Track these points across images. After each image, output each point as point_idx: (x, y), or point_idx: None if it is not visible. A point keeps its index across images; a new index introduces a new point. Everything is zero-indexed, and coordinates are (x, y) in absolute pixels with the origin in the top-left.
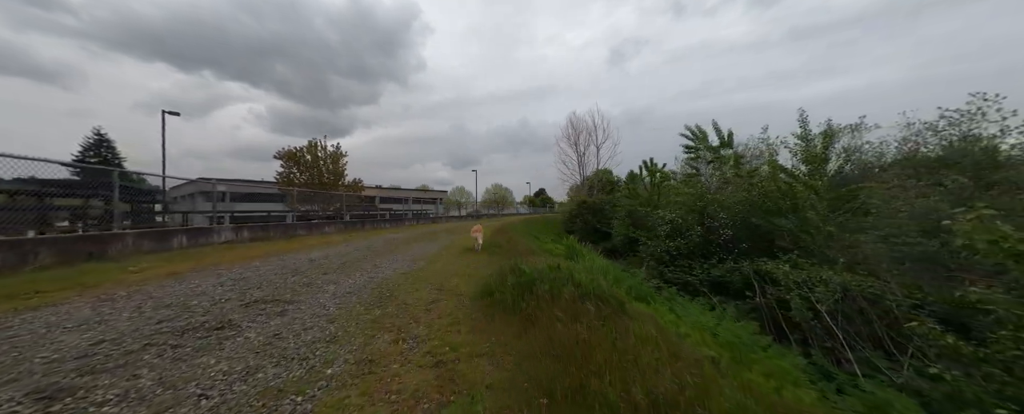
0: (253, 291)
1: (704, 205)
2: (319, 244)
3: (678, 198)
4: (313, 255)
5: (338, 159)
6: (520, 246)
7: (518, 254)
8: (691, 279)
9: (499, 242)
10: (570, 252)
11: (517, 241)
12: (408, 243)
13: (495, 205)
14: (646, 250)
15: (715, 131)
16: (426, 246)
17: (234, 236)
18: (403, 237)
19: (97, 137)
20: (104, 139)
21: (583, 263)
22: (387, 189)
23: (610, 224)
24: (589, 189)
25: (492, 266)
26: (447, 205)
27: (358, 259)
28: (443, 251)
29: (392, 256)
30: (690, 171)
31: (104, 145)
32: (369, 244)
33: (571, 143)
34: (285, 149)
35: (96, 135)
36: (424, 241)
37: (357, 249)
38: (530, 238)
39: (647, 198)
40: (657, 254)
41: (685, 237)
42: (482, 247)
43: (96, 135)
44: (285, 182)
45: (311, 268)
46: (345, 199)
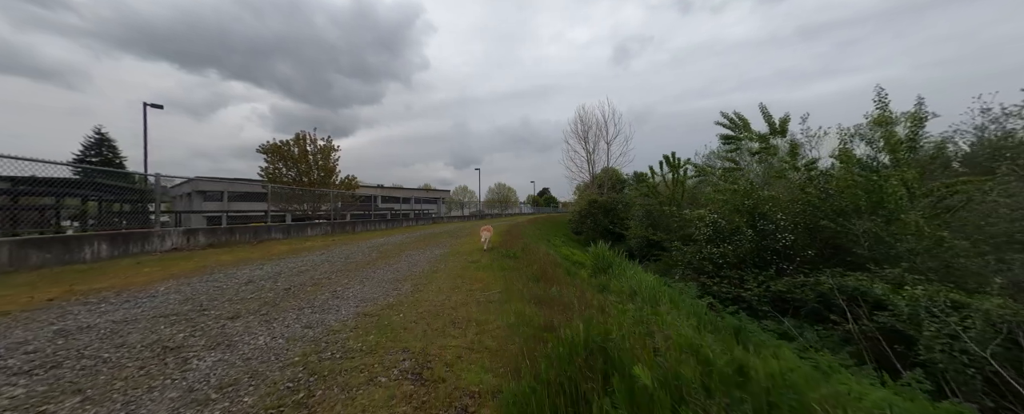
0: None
1: (754, 204)
2: (287, 252)
3: (720, 195)
4: (261, 271)
5: (329, 154)
6: (538, 254)
7: (539, 267)
8: (746, 295)
9: (512, 249)
10: (599, 262)
11: (534, 249)
12: (399, 250)
13: (499, 205)
14: (680, 256)
15: (763, 116)
16: (420, 255)
17: (184, 242)
18: (396, 241)
19: (98, 136)
20: (105, 138)
21: (626, 279)
22: (389, 188)
23: (624, 225)
24: (599, 187)
25: (511, 293)
26: (449, 205)
27: (318, 280)
28: (441, 264)
29: (369, 272)
30: (725, 165)
31: (105, 144)
32: (350, 253)
33: (580, 139)
34: (270, 142)
35: (97, 134)
36: (420, 247)
37: (329, 260)
38: (543, 241)
39: (669, 196)
40: (695, 262)
41: (732, 242)
42: (495, 261)
43: (97, 134)
44: (270, 179)
45: (229, 298)
46: (334, 197)
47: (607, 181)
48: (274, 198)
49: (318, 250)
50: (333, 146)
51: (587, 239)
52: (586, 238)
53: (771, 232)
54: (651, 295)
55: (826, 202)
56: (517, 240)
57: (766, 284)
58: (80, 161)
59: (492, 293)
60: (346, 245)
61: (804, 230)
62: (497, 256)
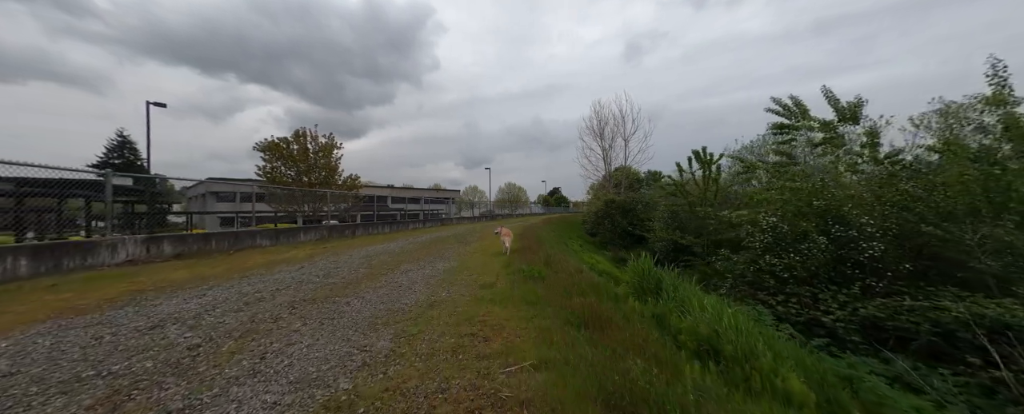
0: None
1: (826, 205)
2: (260, 266)
3: (777, 195)
4: (197, 302)
5: (330, 152)
6: (566, 270)
7: (579, 298)
8: (827, 320)
9: (534, 263)
10: (644, 279)
11: (560, 263)
12: (395, 264)
13: (509, 205)
14: (727, 267)
15: (828, 101)
16: (419, 272)
17: (142, 253)
18: (396, 249)
19: (120, 139)
20: (127, 141)
21: (694, 313)
22: (399, 188)
23: (645, 226)
24: (615, 186)
25: (553, 366)
26: (460, 205)
27: (253, 325)
28: (442, 290)
29: (340, 306)
30: (777, 159)
31: (127, 147)
32: (334, 267)
33: (595, 135)
34: (267, 140)
35: (119, 137)
36: (421, 258)
37: (300, 280)
38: (561, 245)
39: (701, 196)
40: (750, 275)
41: (798, 252)
42: (515, 284)
43: (119, 137)
44: (269, 179)
45: (59, 381)
46: (332, 198)
47: (624, 180)
48: (272, 199)
49: (298, 263)
50: (335, 143)
51: (604, 241)
52: (602, 240)
53: (851, 240)
54: (745, 345)
55: (926, 203)
56: (536, 248)
57: (852, 306)
58: (103, 164)
59: (521, 366)
60: (336, 254)
61: (892, 238)
62: (518, 277)
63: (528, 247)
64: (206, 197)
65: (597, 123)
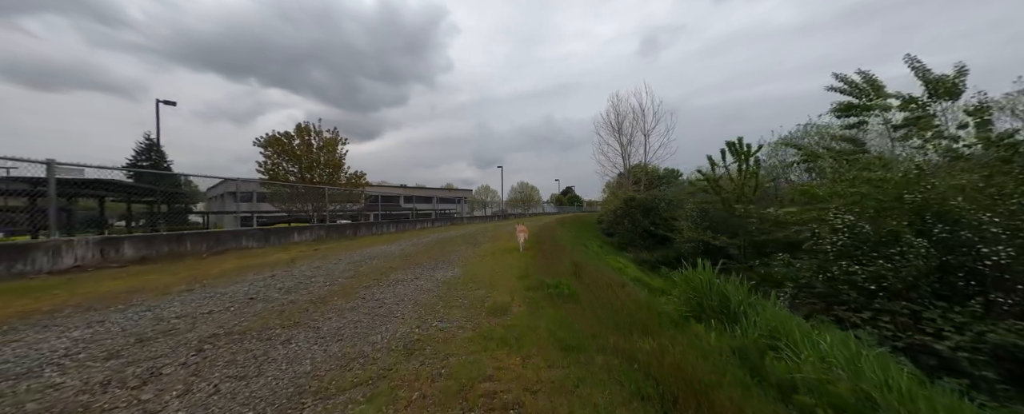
0: None
1: (924, 199)
2: (230, 272)
3: (849, 188)
4: (75, 335)
5: (334, 147)
6: (600, 283)
7: (638, 327)
8: (942, 347)
9: (557, 272)
10: (704, 294)
11: (591, 273)
12: (386, 272)
13: (521, 204)
14: (785, 274)
15: (915, 73)
16: (409, 286)
17: (94, 258)
18: (395, 252)
19: (148, 142)
20: (154, 144)
21: (817, 354)
22: (412, 188)
23: (669, 226)
24: (635, 183)
25: None
26: (472, 204)
27: (148, 373)
28: (433, 316)
29: (285, 339)
30: (841, 146)
31: (154, 149)
32: (314, 275)
33: (613, 130)
34: (269, 134)
35: (147, 140)
36: (420, 264)
37: (260, 296)
38: (584, 249)
39: (737, 191)
40: (818, 284)
41: (888, 257)
42: (539, 306)
43: (147, 140)
44: (271, 176)
45: None
46: (329, 196)
47: (644, 177)
48: (274, 198)
49: (272, 269)
50: (339, 138)
51: (622, 242)
52: (621, 241)
53: (964, 243)
54: None
55: None
56: (557, 252)
57: (974, 329)
58: (132, 165)
59: None
60: (324, 258)
61: None
62: (540, 294)
63: (547, 250)
64: (224, 197)
65: (615, 117)
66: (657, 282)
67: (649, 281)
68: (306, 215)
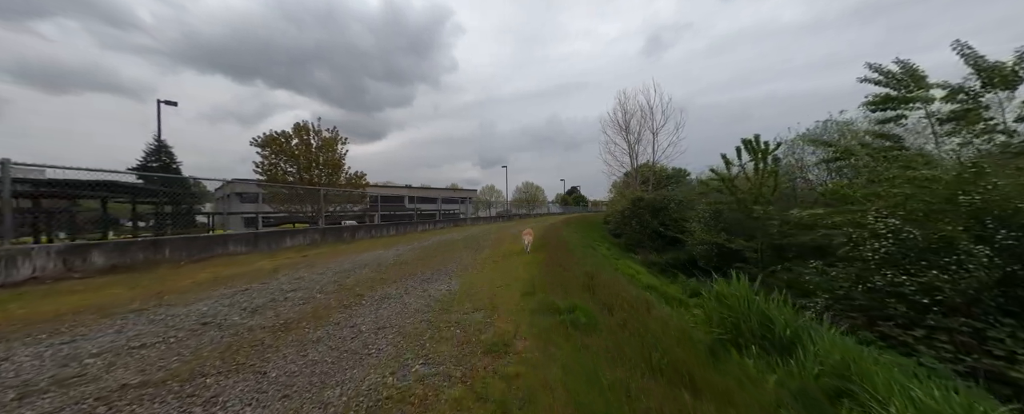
0: None
1: (982, 200)
2: (191, 287)
3: (892, 188)
4: None
5: (333, 146)
6: (625, 298)
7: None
8: (1018, 374)
9: (568, 286)
10: (742, 316)
11: (608, 282)
12: (375, 284)
13: (526, 204)
14: (819, 284)
15: (966, 60)
16: (401, 300)
17: (55, 267)
18: (392, 257)
19: (157, 143)
20: (163, 145)
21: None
22: (416, 188)
23: (680, 227)
24: (643, 183)
25: None
26: (477, 204)
27: None
28: (419, 356)
29: (222, 387)
30: (872, 142)
31: (163, 150)
32: (287, 289)
33: (620, 129)
34: (267, 134)
35: (156, 141)
36: (417, 273)
37: (213, 319)
38: (593, 252)
39: (755, 192)
40: (858, 296)
41: (942, 267)
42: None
43: (156, 141)
44: (269, 177)
45: None
46: (325, 197)
47: (652, 177)
48: (272, 199)
49: (248, 282)
50: (339, 138)
51: (630, 243)
52: (629, 242)
53: None
54: None
55: None
56: (566, 260)
57: None
58: (142, 167)
59: None
60: (311, 267)
61: None
62: (551, 322)
63: (555, 254)
64: (231, 198)
65: (622, 115)
66: (673, 290)
67: (664, 288)
68: (305, 216)
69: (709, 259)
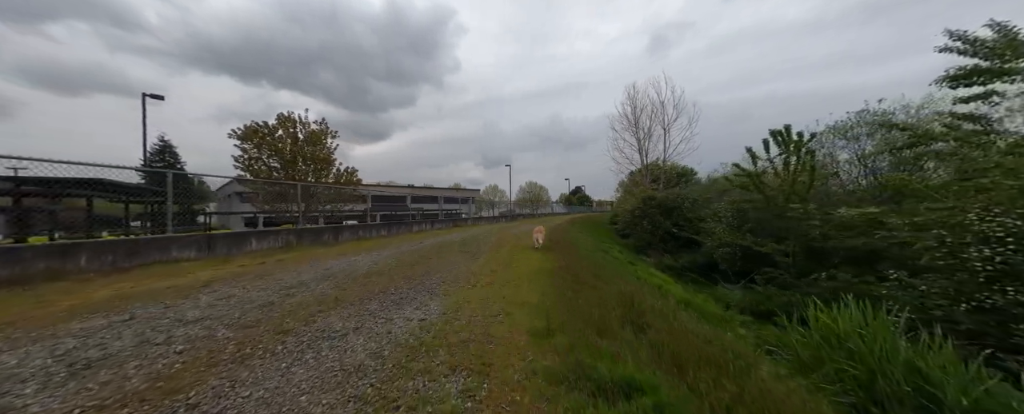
0: None
1: None
2: (93, 305)
3: (1003, 179)
4: None
5: (320, 139)
6: (690, 347)
7: None
8: None
9: (587, 309)
10: (876, 365)
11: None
12: (330, 307)
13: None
14: (900, 299)
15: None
16: (349, 343)
17: None
18: (368, 265)
19: (161, 143)
20: (167, 145)
21: None
22: (419, 188)
23: (695, 227)
24: (653, 181)
25: None
26: (480, 204)
27: None
28: None
29: None
30: (952, 123)
31: (167, 150)
32: (195, 316)
33: (629, 124)
34: (248, 126)
35: (160, 141)
36: (391, 288)
37: (96, 355)
38: (605, 255)
39: (786, 188)
40: (961, 317)
41: None
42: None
43: (160, 141)
44: (252, 173)
45: None
46: (302, 195)
47: (663, 175)
48: (254, 198)
49: (161, 300)
50: (328, 130)
51: (640, 244)
52: (638, 243)
53: None
54: None
55: None
56: (581, 268)
57: None
58: (147, 166)
59: None
60: (257, 279)
61: None
62: (579, 385)
63: (568, 261)
64: (231, 197)
65: (631, 110)
66: (707, 304)
67: (699, 302)
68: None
69: (732, 263)
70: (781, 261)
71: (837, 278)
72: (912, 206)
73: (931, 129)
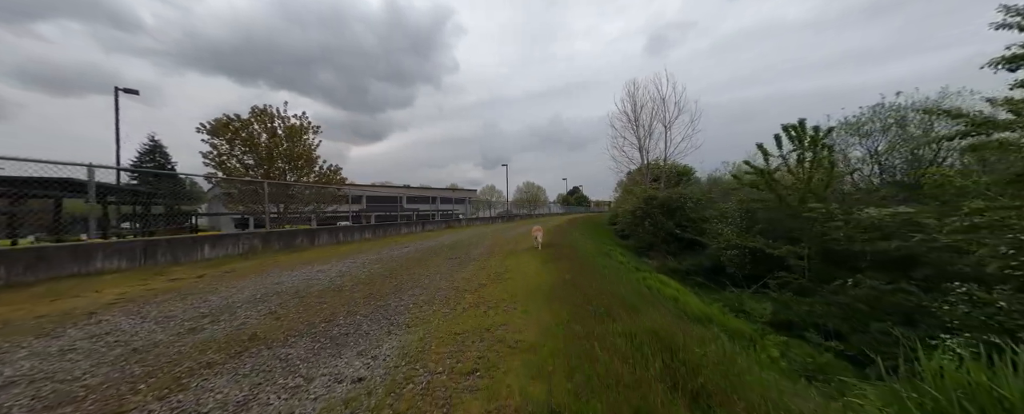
0: None
1: None
2: None
3: None
4: None
5: (299, 134)
6: None
7: None
8: None
9: (619, 375)
10: None
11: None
12: (228, 349)
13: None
14: (967, 319)
15: None
16: None
17: None
18: (326, 280)
19: (152, 143)
20: (158, 145)
21: None
22: (416, 188)
23: (699, 228)
24: (654, 180)
25: None
26: (477, 205)
27: None
28: None
29: None
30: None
31: (158, 151)
32: (11, 374)
33: (630, 121)
34: (219, 119)
35: (151, 142)
36: (335, 317)
37: None
38: (608, 259)
39: (802, 187)
40: None
41: None
42: None
43: (151, 142)
44: (225, 170)
45: None
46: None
47: (664, 174)
48: (227, 198)
49: (21, 335)
50: (309, 125)
51: (640, 245)
52: (639, 244)
53: None
54: None
55: None
56: (591, 285)
57: None
58: (136, 167)
59: None
60: (175, 302)
61: None
62: None
63: (574, 274)
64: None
65: (632, 107)
66: (728, 319)
67: (723, 318)
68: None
69: (741, 266)
70: (795, 264)
71: (865, 285)
72: (953, 205)
73: (991, 116)
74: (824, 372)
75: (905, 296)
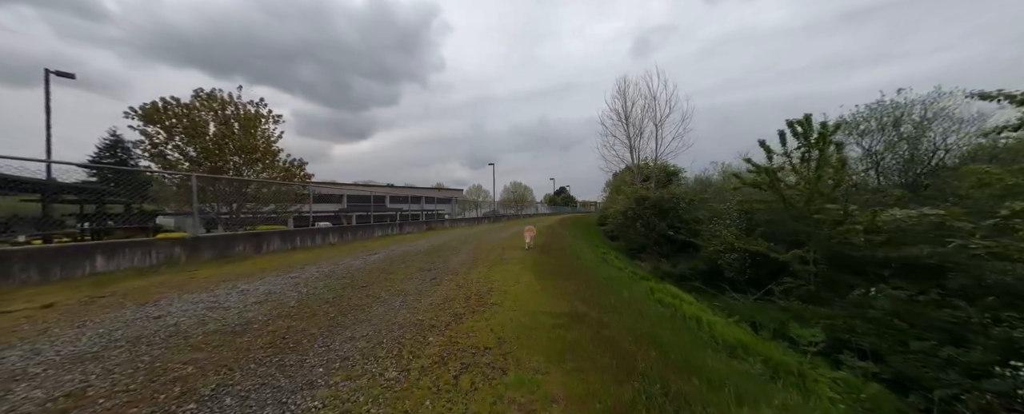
0: None
1: None
2: None
3: None
4: None
5: (255, 124)
6: None
7: None
8: None
9: None
10: None
11: None
12: None
13: (514, 204)
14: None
15: None
16: None
17: None
18: (230, 313)
19: (113, 138)
20: (120, 140)
21: None
22: (400, 187)
23: (692, 230)
24: (644, 180)
25: None
26: (463, 205)
27: None
28: None
29: None
30: None
31: (119, 146)
32: None
33: (620, 119)
34: (153, 103)
35: (112, 136)
36: (197, 394)
37: None
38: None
39: (808, 187)
40: None
41: None
42: None
43: (112, 136)
44: (163, 163)
45: None
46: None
47: (655, 174)
48: (163, 196)
49: None
50: (267, 114)
51: (631, 247)
52: (629, 245)
53: None
54: None
55: None
56: (614, 321)
57: None
58: (95, 162)
59: None
60: (77, 325)
61: None
62: None
63: (579, 294)
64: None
65: (622, 104)
66: (751, 340)
67: (758, 345)
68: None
69: (741, 271)
70: (800, 270)
71: (892, 296)
72: (986, 207)
73: None
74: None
75: (951, 311)
